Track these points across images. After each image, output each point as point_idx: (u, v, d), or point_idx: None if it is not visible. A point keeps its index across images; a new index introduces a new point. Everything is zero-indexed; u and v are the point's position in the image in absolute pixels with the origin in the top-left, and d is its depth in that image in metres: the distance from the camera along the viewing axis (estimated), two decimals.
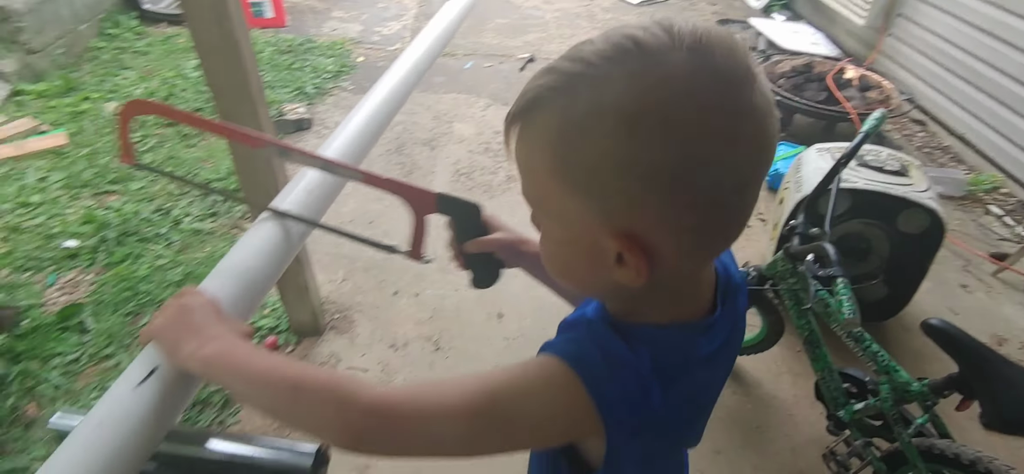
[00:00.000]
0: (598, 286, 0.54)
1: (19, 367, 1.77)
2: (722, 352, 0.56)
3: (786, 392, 1.88)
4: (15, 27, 3.02)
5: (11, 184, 2.45)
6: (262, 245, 0.80)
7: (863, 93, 3.02)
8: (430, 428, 0.51)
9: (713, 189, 0.44)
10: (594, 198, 0.46)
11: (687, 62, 0.42)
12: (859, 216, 1.82)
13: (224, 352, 0.58)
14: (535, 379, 0.51)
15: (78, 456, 0.54)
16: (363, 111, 1.15)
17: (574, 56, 0.45)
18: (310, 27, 4.11)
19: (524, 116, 0.48)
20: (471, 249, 0.77)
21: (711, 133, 0.42)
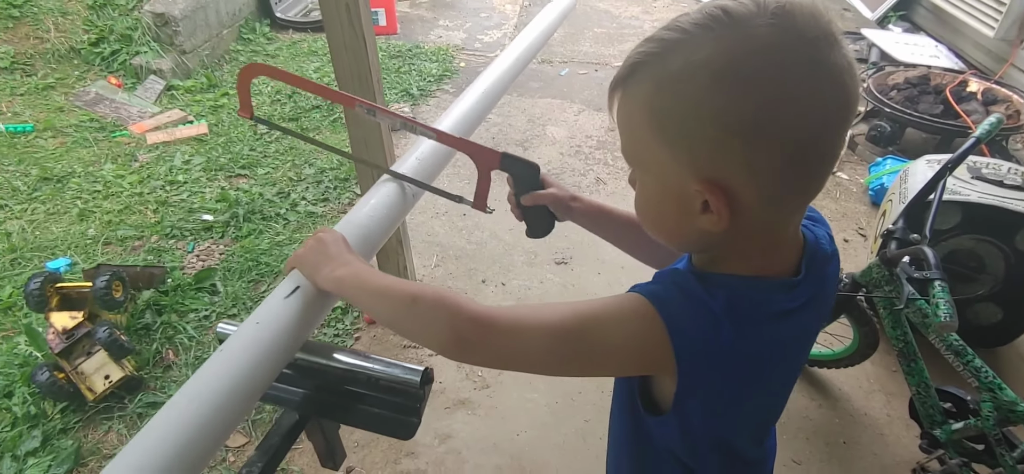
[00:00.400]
0: (685, 235, 0.59)
1: (162, 318, 2.06)
2: (802, 314, 0.59)
3: (878, 411, 1.80)
4: (173, 31, 3.49)
5: (163, 165, 2.84)
6: (381, 201, 0.93)
7: (987, 107, 2.79)
8: (524, 341, 0.59)
9: (791, 139, 0.48)
10: (683, 147, 0.51)
11: (770, 25, 0.47)
12: (971, 231, 1.71)
13: (355, 273, 0.70)
14: (619, 310, 0.57)
15: (243, 344, 0.68)
16: (459, 107, 1.27)
17: (671, 26, 0.51)
18: (418, 34, 4.40)
19: (626, 80, 0.54)
20: (527, 202, 0.85)
21: (790, 86, 0.47)
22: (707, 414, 0.60)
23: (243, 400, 0.65)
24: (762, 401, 0.66)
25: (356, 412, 0.78)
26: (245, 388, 0.65)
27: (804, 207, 0.58)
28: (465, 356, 0.61)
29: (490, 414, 1.79)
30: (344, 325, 2.07)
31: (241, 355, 0.67)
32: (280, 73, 0.93)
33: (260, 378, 0.67)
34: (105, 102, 3.25)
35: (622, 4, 5.10)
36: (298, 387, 0.79)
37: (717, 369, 0.56)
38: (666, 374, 0.58)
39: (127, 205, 2.58)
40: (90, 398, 1.74)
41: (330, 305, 0.77)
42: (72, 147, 2.94)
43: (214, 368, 0.64)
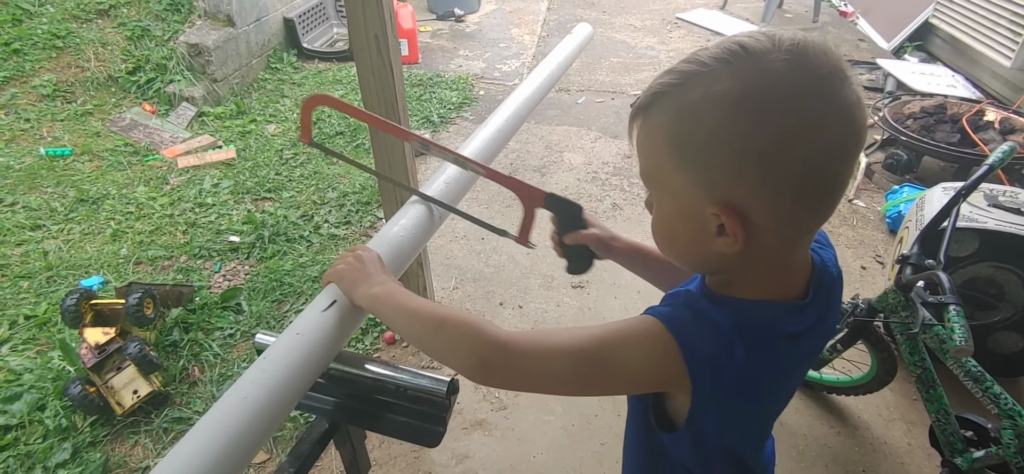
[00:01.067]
0: (699, 257, 0.61)
1: (189, 336, 2.12)
2: (809, 337, 0.61)
3: (898, 439, 1.79)
4: (206, 60, 3.64)
5: (193, 187, 2.94)
6: (410, 221, 0.98)
7: (1005, 136, 2.79)
8: (545, 364, 0.62)
9: (804, 166, 0.51)
10: (701, 171, 0.54)
11: (785, 61, 0.50)
12: (989, 259, 1.71)
13: (389, 293, 0.74)
14: (634, 332, 0.60)
15: (284, 351, 0.72)
16: (482, 135, 1.32)
17: (692, 59, 0.54)
18: (439, 64, 4.52)
19: (647, 108, 0.57)
20: (570, 241, 0.89)
21: (803, 117, 0.50)
22: (720, 430, 0.62)
23: (284, 403, 0.69)
24: (768, 415, 0.69)
25: (385, 420, 0.81)
26: (286, 391, 0.69)
27: (814, 232, 0.60)
28: (488, 379, 0.63)
29: (507, 435, 1.81)
30: (364, 345, 2.11)
31: (283, 361, 0.71)
32: (341, 104, 0.98)
33: (299, 383, 0.72)
34: (139, 128, 3.39)
35: (638, 35, 5.19)
36: (331, 396, 0.83)
37: (729, 388, 0.58)
38: (681, 392, 0.60)
39: (158, 226, 2.67)
40: (119, 412, 1.80)
41: (362, 319, 0.81)
42: (107, 170, 3.06)
43: (259, 372, 0.69)
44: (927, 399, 1.46)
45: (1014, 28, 3.33)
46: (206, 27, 3.77)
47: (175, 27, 3.82)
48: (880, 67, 4.14)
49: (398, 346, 2.11)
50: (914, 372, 1.46)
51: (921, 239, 1.43)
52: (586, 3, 6.08)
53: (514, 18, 5.54)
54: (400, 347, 2.10)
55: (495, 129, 1.35)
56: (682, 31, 5.25)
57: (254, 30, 4.04)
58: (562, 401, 1.90)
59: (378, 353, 2.10)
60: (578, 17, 5.58)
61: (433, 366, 2.05)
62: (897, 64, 4.16)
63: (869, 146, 3.22)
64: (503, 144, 1.40)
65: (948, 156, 2.78)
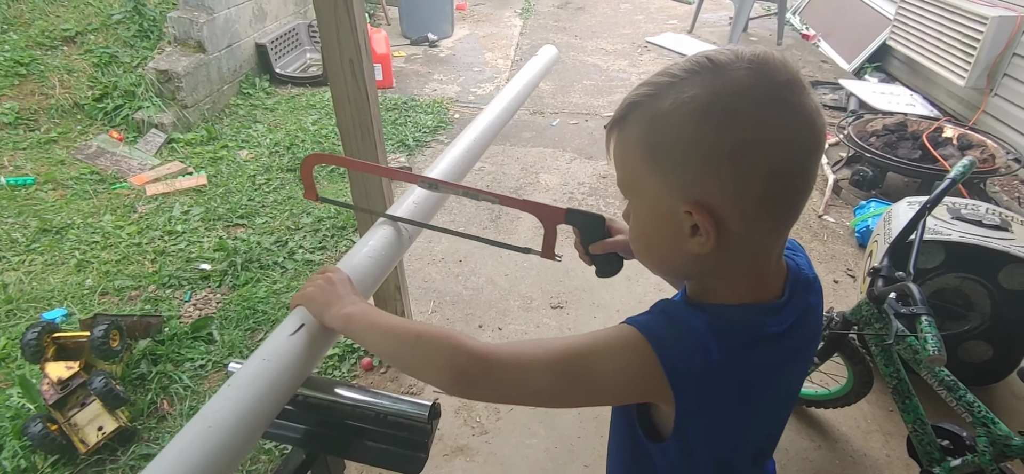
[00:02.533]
0: (676, 260, 0.63)
1: (158, 368, 2.05)
2: (788, 338, 0.62)
3: (877, 451, 1.81)
4: (176, 87, 3.58)
5: (162, 215, 2.87)
6: (379, 242, 0.97)
7: (962, 152, 2.90)
8: (523, 375, 0.62)
9: (768, 166, 0.54)
10: (673, 174, 0.57)
11: (747, 70, 0.54)
12: (954, 270, 1.76)
13: (362, 313, 0.73)
14: (611, 341, 0.61)
15: (250, 377, 0.70)
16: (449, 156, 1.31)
17: (663, 72, 0.58)
18: (413, 88, 4.52)
19: (622, 119, 0.60)
20: (596, 250, 0.90)
21: (765, 122, 0.54)
22: (707, 438, 0.62)
23: (250, 431, 0.67)
24: (758, 425, 0.69)
25: (364, 448, 0.79)
26: (253, 419, 0.67)
27: (784, 234, 0.62)
28: (467, 391, 0.63)
29: (489, 460, 1.78)
30: (341, 372, 2.07)
31: (249, 387, 0.69)
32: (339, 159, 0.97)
33: (266, 410, 0.69)
34: (106, 155, 3.30)
35: (610, 58, 5.29)
36: (304, 424, 0.81)
37: (711, 391, 0.59)
38: (663, 401, 0.61)
39: (125, 255, 2.59)
40: (82, 451, 1.72)
41: (332, 342, 0.80)
42: (72, 199, 2.97)
43: (223, 400, 0.67)
44: (903, 409, 1.48)
45: (965, 50, 3.49)
46: (176, 53, 3.72)
47: (144, 54, 3.76)
48: (843, 87, 4.29)
49: (376, 372, 2.07)
50: (890, 383, 1.48)
51: (891, 252, 1.46)
52: (558, 27, 6.19)
53: (487, 43, 5.60)
54: (379, 373, 2.06)
55: (463, 149, 1.36)
56: (652, 54, 5.37)
57: (225, 56, 4.00)
58: (544, 424, 1.88)
59: (356, 379, 2.05)
60: (550, 41, 5.67)
61: (413, 390, 2.01)
62: (858, 84, 4.31)
63: (836, 163, 3.32)
64: (471, 164, 1.41)
65: (911, 172, 2.87)
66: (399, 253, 1.02)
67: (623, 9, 6.90)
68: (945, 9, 3.70)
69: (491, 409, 1.93)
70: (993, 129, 3.38)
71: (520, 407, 1.93)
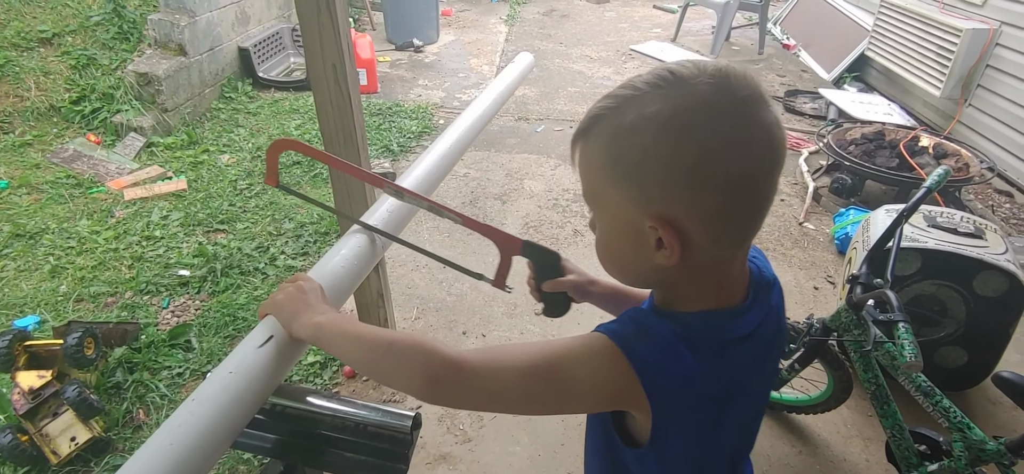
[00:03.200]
0: (640, 272, 0.64)
1: (134, 376, 2.01)
2: (758, 338, 0.63)
3: (857, 456, 1.83)
4: (156, 90, 3.53)
5: (140, 220, 2.81)
6: (351, 251, 0.96)
7: (938, 160, 2.96)
8: (497, 381, 0.62)
9: (729, 180, 0.55)
10: (636, 187, 0.57)
11: (709, 84, 0.54)
12: (931, 277, 1.79)
13: (332, 321, 0.72)
14: (583, 348, 0.61)
15: (215, 392, 0.69)
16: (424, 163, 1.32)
17: (626, 85, 0.59)
18: (398, 93, 4.51)
19: (587, 131, 0.60)
20: (547, 288, 0.89)
21: (726, 135, 0.54)
22: (683, 444, 0.62)
23: (214, 446, 0.66)
24: (732, 428, 0.69)
25: (343, 459, 0.78)
26: (217, 434, 0.66)
27: (746, 244, 0.63)
28: (440, 398, 0.63)
29: (472, 468, 1.76)
30: (323, 380, 2.04)
31: (213, 402, 0.68)
32: (308, 149, 0.95)
33: (232, 425, 0.68)
34: (83, 159, 3.24)
35: (595, 65, 5.32)
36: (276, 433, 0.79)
37: (684, 397, 0.60)
38: (638, 409, 0.61)
39: (101, 261, 2.54)
40: (54, 462, 1.67)
41: (301, 352, 0.79)
42: (46, 204, 2.91)
43: (186, 415, 0.66)
44: (882, 415, 1.50)
45: (940, 61, 3.56)
46: (156, 56, 3.67)
47: (123, 56, 3.71)
48: (823, 96, 4.36)
49: (359, 380, 2.05)
50: (868, 389, 1.50)
51: (869, 259, 1.48)
52: (544, 35, 6.22)
53: (472, 49, 5.61)
54: (361, 382, 2.04)
55: (439, 156, 1.36)
56: (636, 62, 5.42)
57: (207, 59, 3.96)
58: (527, 431, 1.87)
59: (338, 387, 2.03)
60: (535, 48, 5.69)
61: (397, 397, 1.99)
62: (838, 93, 4.39)
63: (816, 171, 3.37)
64: (448, 170, 1.41)
65: (889, 180, 2.93)
66: (371, 262, 1.01)
67: (607, 17, 6.96)
68: (921, 21, 3.78)
69: (474, 416, 1.92)
70: (967, 139, 3.46)
71: (502, 415, 1.93)
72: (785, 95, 4.53)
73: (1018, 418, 1.91)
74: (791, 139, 3.84)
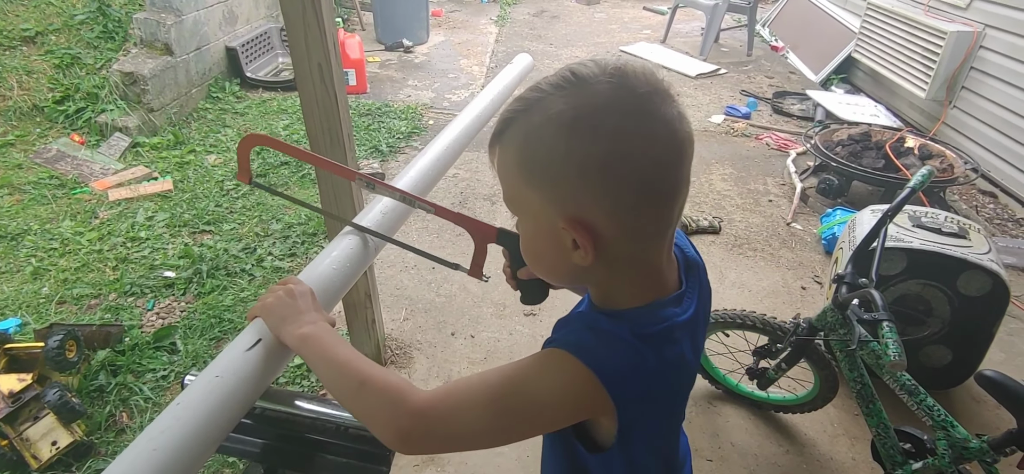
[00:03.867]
0: (564, 271, 0.64)
1: (118, 379, 1.98)
2: (694, 322, 0.64)
3: (843, 455, 1.84)
4: (141, 90, 3.49)
5: (125, 221, 2.78)
6: (342, 253, 0.95)
7: (923, 161, 2.99)
8: (462, 423, 0.61)
9: (637, 175, 0.55)
10: (548, 190, 0.57)
11: (610, 84, 0.55)
12: (916, 276, 1.81)
13: (316, 335, 0.71)
14: (541, 367, 0.60)
15: (201, 395, 0.68)
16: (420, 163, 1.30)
17: (534, 87, 0.59)
18: (388, 94, 4.49)
19: (501, 135, 0.60)
20: (522, 275, 0.87)
21: (630, 133, 0.54)
22: (647, 438, 0.63)
23: (199, 452, 0.65)
24: (680, 409, 0.70)
25: (323, 462, 0.77)
26: (202, 439, 0.65)
27: (665, 236, 0.62)
28: (409, 449, 0.61)
29: (459, 470, 1.76)
30: (309, 382, 2.03)
31: (199, 406, 0.67)
32: (280, 144, 0.93)
33: (217, 430, 0.67)
34: (66, 159, 3.20)
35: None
36: (262, 437, 0.78)
37: (649, 394, 0.60)
38: (603, 415, 0.60)
39: (85, 262, 2.51)
40: (34, 466, 1.65)
41: (290, 356, 0.77)
42: (29, 204, 2.86)
43: (171, 419, 0.64)
44: (867, 414, 1.50)
45: (926, 63, 3.60)
46: (142, 55, 3.63)
47: (108, 55, 3.66)
48: (810, 97, 4.39)
49: None
50: (854, 388, 1.51)
51: (854, 259, 1.49)
52: (534, 35, 6.22)
53: (462, 49, 5.60)
54: None
55: (434, 157, 1.35)
56: None
57: (194, 59, 3.92)
58: None
59: (325, 391, 2.01)
60: (525, 49, 5.69)
61: None
62: (825, 95, 4.42)
63: (803, 172, 3.39)
64: (442, 172, 1.39)
65: (875, 180, 2.95)
66: (364, 264, 1.00)
67: (598, 18, 6.97)
68: (907, 24, 3.82)
69: None
70: (952, 140, 3.50)
71: None
72: (773, 96, 4.56)
73: (1001, 416, 1.93)
74: (779, 140, 3.87)
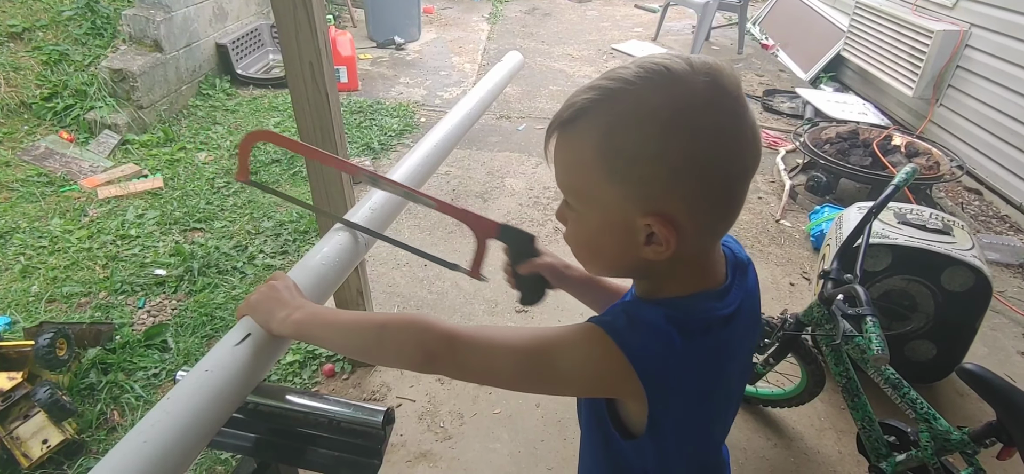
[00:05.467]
0: (624, 264, 0.64)
1: (108, 378, 1.97)
2: (737, 319, 0.65)
3: (829, 448, 1.86)
4: (131, 87, 3.47)
5: (115, 219, 2.77)
6: (333, 250, 0.95)
7: (910, 159, 3.03)
8: (489, 356, 0.63)
9: (724, 177, 0.57)
10: (633, 185, 0.57)
11: (705, 84, 0.55)
12: (901, 273, 1.83)
13: (314, 314, 0.72)
14: (574, 336, 0.62)
15: (190, 392, 0.68)
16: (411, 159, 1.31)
17: (613, 76, 0.57)
18: (379, 91, 4.48)
19: (572, 121, 0.59)
20: (523, 271, 0.87)
21: (724, 136, 0.56)
22: (678, 430, 0.64)
23: (190, 446, 0.65)
24: (720, 409, 0.71)
25: (316, 456, 0.78)
26: (192, 434, 0.65)
27: (726, 232, 0.65)
28: (434, 368, 0.64)
29: (452, 466, 1.77)
30: (302, 379, 2.03)
31: (189, 401, 0.67)
32: (284, 140, 0.93)
33: (208, 424, 0.68)
34: (55, 156, 3.17)
35: (576, 64, 5.34)
36: (254, 432, 0.79)
37: (676, 380, 0.61)
38: (632, 397, 0.62)
39: (75, 261, 2.50)
40: (25, 465, 1.64)
41: (281, 351, 0.78)
42: (17, 202, 2.84)
43: (162, 414, 0.65)
44: (853, 407, 1.53)
45: (913, 62, 3.64)
46: (131, 52, 3.61)
47: (97, 52, 3.63)
48: (800, 95, 4.43)
49: (339, 378, 2.04)
50: (840, 382, 1.53)
51: (839, 255, 1.51)
52: (525, 33, 6.22)
53: (454, 47, 5.59)
54: (341, 380, 2.03)
55: (424, 154, 1.36)
56: (617, 61, 5.45)
57: (184, 56, 3.90)
58: (508, 428, 1.88)
59: (317, 386, 2.02)
60: (517, 46, 5.70)
61: (378, 396, 1.99)
62: (814, 93, 4.46)
63: (792, 169, 3.42)
64: (433, 168, 1.40)
65: (862, 178, 2.99)
66: (354, 261, 1.00)
67: (589, 16, 6.98)
68: (894, 23, 3.86)
69: (455, 414, 1.92)
70: (938, 138, 3.54)
71: (483, 411, 1.93)
72: (763, 94, 4.60)
73: (983, 409, 1.96)
74: (769, 138, 3.90)
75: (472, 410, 1.94)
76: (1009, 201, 3.07)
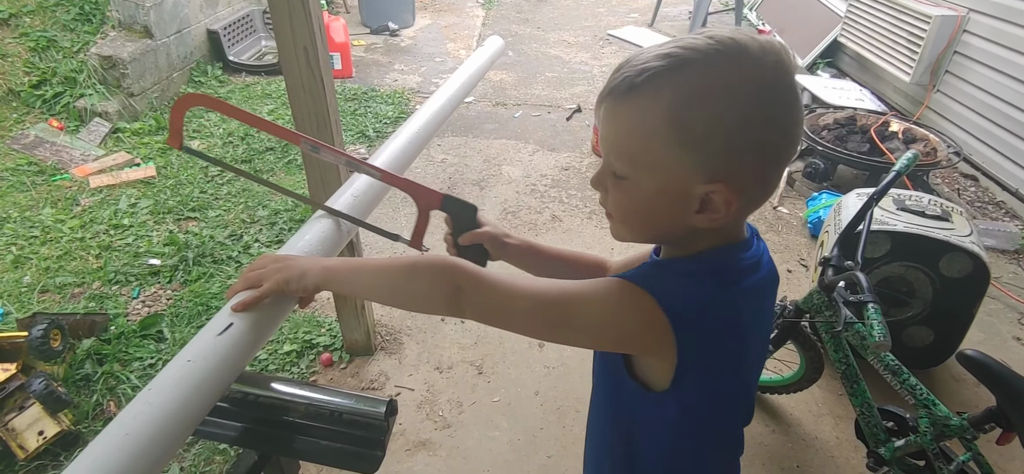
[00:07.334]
0: (674, 232, 0.65)
1: (104, 368, 1.96)
2: (761, 271, 0.66)
3: (827, 434, 1.87)
4: (120, 74, 3.42)
5: (107, 208, 2.73)
6: (315, 236, 0.95)
7: (907, 145, 3.03)
8: (513, 299, 0.65)
9: (779, 156, 0.60)
10: (702, 154, 0.58)
11: (775, 64, 0.57)
12: (899, 259, 1.83)
13: (340, 262, 0.74)
14: (600, 290, 0.63)
15: (172, 381, 0.68)
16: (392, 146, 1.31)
17: (685, 45, 0.57)
18: (374, 78, 4.44)
19: (636, 87, 0.57)
20: (464, 241, 0.89)
21: (788, 117, 0.58)
22: (703, 381, 0.64)
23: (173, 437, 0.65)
24: (745, 376, 0.71)
25: (318, 447, 0.77)
26: (175, 424, 0.65)
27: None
28: (461, 304, 0.65)
29: (452, 454, 1.77)
30: (299, 369, 2.02)
31: (171, 391, 0.66)
32: (220, 104, 0.92)
33: (191, 414, 0.67)
34: (45, 145, 3.13)
35: (572, 50, 5.31)
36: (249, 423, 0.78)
37: (708, 321, 0.61)
38: (657, 353, 0.62)
39: (67, 251, 2.47)
40: (21, 457, 1.63)
41: (265, 338, 0.77)
42: (7, 192, 2.80)
43: (143, 405, 0.64)
44: (851, 394, 1.53)
45: (910, 47, 3.63)
46: (121, 38, 3.55)
47: (86, 38, 3.58)
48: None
49: (337, 367, 2.03)
50: (839, 368, 1.53)
51: (840, 242, 1.51)
52: (521, 19, 6.17)
53: (449, 33, 5.54)
54: (338, 369, 2.03)
55: (406, 140, 1.35)
56: (614, 47, 5.41)
57: (175, 42, 3.84)
58: (507, 416, 1.88)
59: (315, 376, 2.01)
60: (512, 32, 5.65)
61: (375, 385, 1.98)
62: (811, 79, 4.44)
63: None
64: (415, 154, 1.40)
65: (860, 164, 2.98)
66: (337, 247, 1.01)
67: (585, 2, 6.93)
68: (892, 8, 3.84)
69: (454, 402, 1.92)
70: (936, 124, 3.54)
71: (482, 400, 1.93)
72: None
73: (981, 394, 1.98)
74: None
75: (471, 398, 1.94)
76: (1005, 187, 3.08)
